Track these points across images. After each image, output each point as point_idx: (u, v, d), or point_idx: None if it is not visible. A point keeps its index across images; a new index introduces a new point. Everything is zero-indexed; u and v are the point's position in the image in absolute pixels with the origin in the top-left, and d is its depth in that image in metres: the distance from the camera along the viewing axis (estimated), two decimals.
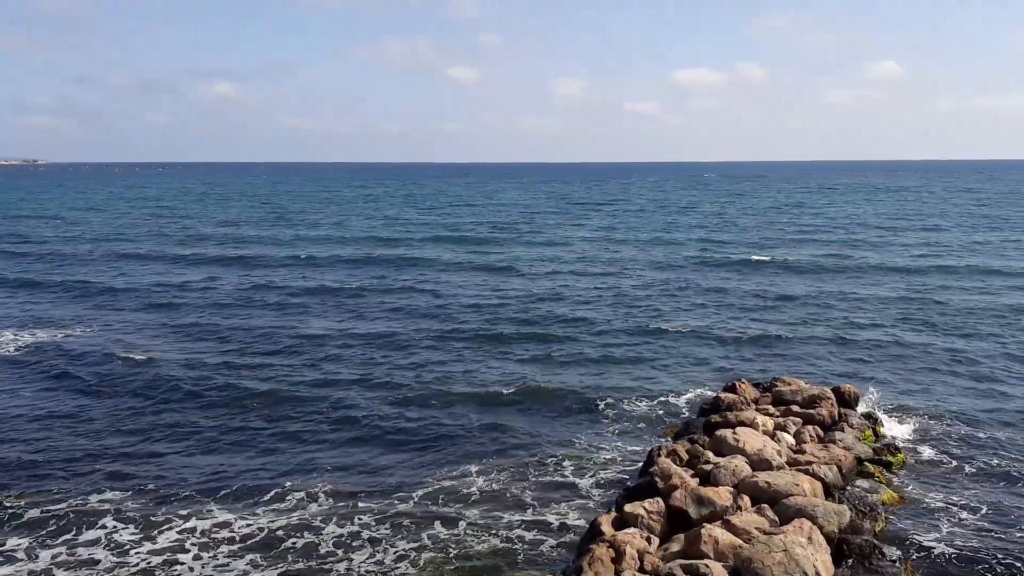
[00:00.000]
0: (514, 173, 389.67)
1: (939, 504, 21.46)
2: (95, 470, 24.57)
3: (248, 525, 21.03)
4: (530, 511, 21.68)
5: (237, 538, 20.37)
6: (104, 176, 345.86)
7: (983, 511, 21.03)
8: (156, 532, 20.63)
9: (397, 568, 18.94)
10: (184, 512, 21.76)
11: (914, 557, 18.60)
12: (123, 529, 20.82)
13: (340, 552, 19.72)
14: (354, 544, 20.08)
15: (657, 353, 37.21)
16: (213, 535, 20.51)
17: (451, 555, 19.40)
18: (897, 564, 17.28)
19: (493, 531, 20.58)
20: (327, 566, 19.07)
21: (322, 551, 19.75)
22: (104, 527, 20.91)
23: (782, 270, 60.52)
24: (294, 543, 20.09)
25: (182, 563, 19.25)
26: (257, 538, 20.38)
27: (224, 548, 19.87)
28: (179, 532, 20.67)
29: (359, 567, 19.02)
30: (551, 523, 21.02)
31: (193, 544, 20.08)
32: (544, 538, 20.26)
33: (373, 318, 45.31)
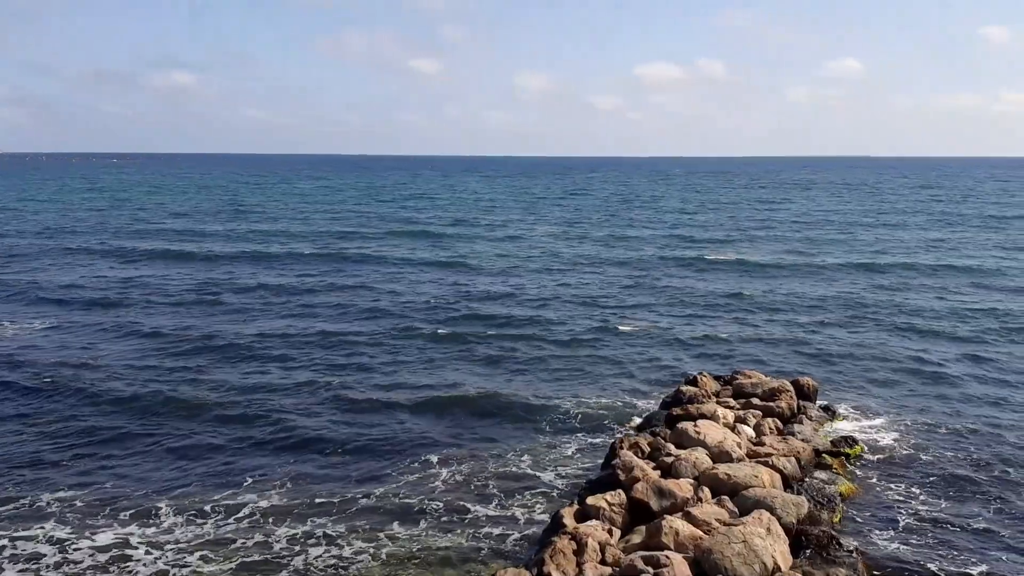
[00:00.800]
0: (477, 167, 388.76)
1: (895, 496, 21.80)
2: (38, 475, 23.64)
3: (198, 525, 20.57)
4: (493, 505, 21.63)
5: (187, 537, 19.93)
6: (61, 167, 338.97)
7: (939, 503, 21.40)
8: (102, 532, 20.06)
9: (356, 562, 18.76)
10: (131, 512, 21.20)
11: (871, 547, 18.88)
12: (64, 528, 20.26)
13: (295, 548, 19.40)
14: (309, 542, 19.74)
15: (618, 348, 37.32)
16: (162, 535, 20.02)
17: (413, 550, 19.27)
18: (854, 554, 17.50)
19: (456, 525, 20.50)
20: (283, 562, 18.78)
21: (276, 548, 19.39)
22: (45, 527, 20.33)
23: (742, 267, 61.02)
24: (245, 542, 19.67)
25: (132, 560, 18.81)
26: (208, 537, 19.93)
27: (172, 547, 19.40)
28: (126, 532, 20.13)
29: (316, 563, 18.75)
30: (514, 516, 20.99)
31: (141, 543, 19.58)
32: (507, 531, 20.22)
33: (327, 317, 44.10)
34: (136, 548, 19.37)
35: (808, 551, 17.52)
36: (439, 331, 40.15)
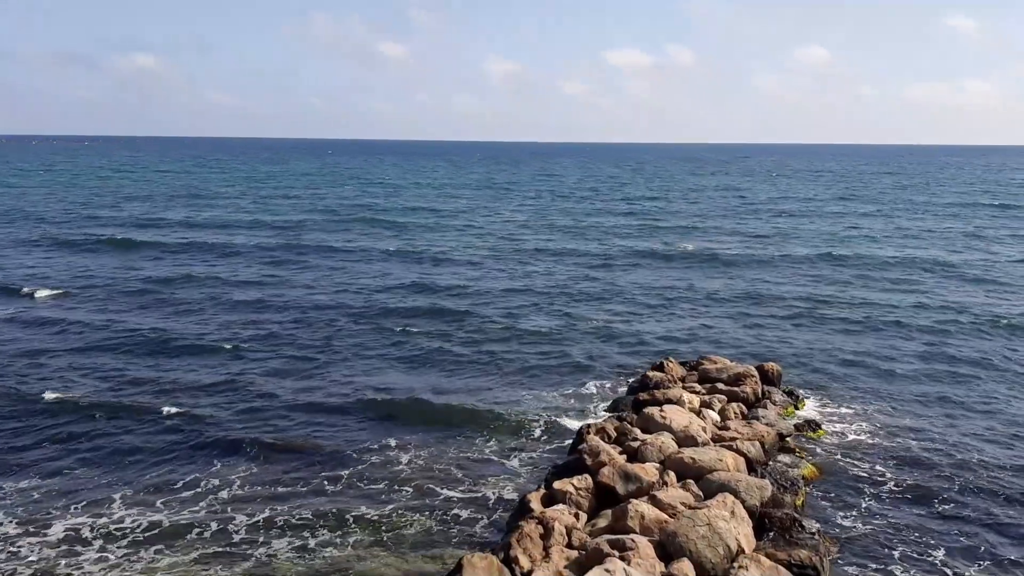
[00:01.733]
0: (444, 152, 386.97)
1: (857, 479, 22.15)
2: None
3: (153, 517, 20.24)
4: (461, 490, 21.67)
5: (142, 528, 19.68)
6: (20, 150, 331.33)
7: (899, 485, 21.78)
8: (50, 529, 19.61)
9: (323, 551, 18.67)
10: (83, 504, 20.86)
11: (833, 529, 19.19)
12: (11, 523, 19.89)
13: (259, 538, 19.23)
14: (272, 531, 19.59)
15: (584, 335, 37.45)
16: (114, 528, 19.68)
17: (381, 536, 19.23)
18: (816, 536, 17.77)
19: (423, 511, 20.51)
20: (246, 552, 18.62)
21: (236, 539, 19.20)
22: None
23: (708, 255, 61.24)
24: (203, 532, 19.42)
25: (82, 556, 18.41)
26: (163, 528, 19.65)
27: (127, 540, 19.10)
28: (77, 524, 19.79)
29: (280, 552, 18.61)
30: (481, 501, 21.05)
31: (95, 538, 19.23)
32: (475, 516, 20.27)
33: (282, 308, 42.65)
34: (89, 543, 18.97)
35: (771, 533, 17.76)
36: (399, 323, 39.36)
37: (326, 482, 22.25)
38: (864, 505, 20.58)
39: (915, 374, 31.50)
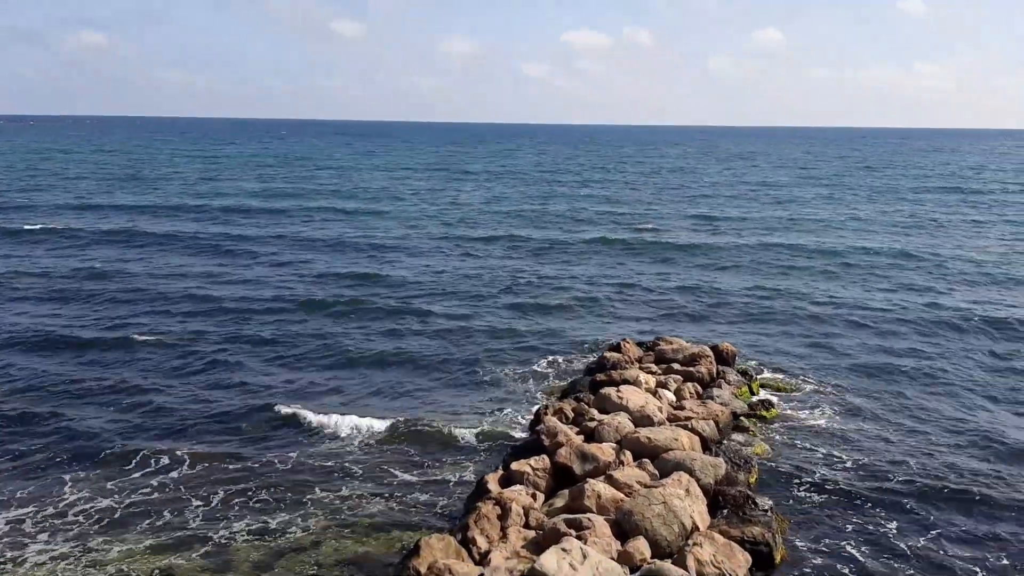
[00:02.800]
0: (401, 133, 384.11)
1: (809, 457, 22.58)
2: None
3: (102, 504, 19.91)
4: (418, 473, 21.69)
5: (90, 512, 19.42)
6: None
7: (849, 463, 22.24)
8: None
9: (284, 533, 18.57)
10: (26, 493, 20.44)
11: (785, 506, 19.56)
12: None
13: (218, 521, 19.13)
14: (231, 514, 19.47)
15: (541, 318, 37.55)
16: (63, 514, 19.35)
17: (339, 519, 19.17)
18: (769, 513, 18.10)
19: (381, 493, 20.50)
20: (205, 535, 18.48)
21: (193, 524, 19.05)
22: None
23: (663, 239, 61.53)
24: (155, 521, 19.17)
25: (26, 548, 17.92)
26: (114, 516, 19.35)
27: (75, 529, 18.77)
28: (19, 515, 19.31)
29: (239, 535, 18.50)
30: (439, 484, 21.09)
31: (38, 525, 18.82)
32: (433, 498, 20.31)
33: (222, 298, 40.55)
34: (33, 536, 18.50)
35: (725, 511, 18.05)
36: (348, 305, 38.72)
37: (279, 465, 22.10)
38: (816, 482, 20.99)
39: (868, 357, 32.04)
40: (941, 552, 17.82)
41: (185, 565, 17.21)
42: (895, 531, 18.65)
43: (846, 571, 17.02)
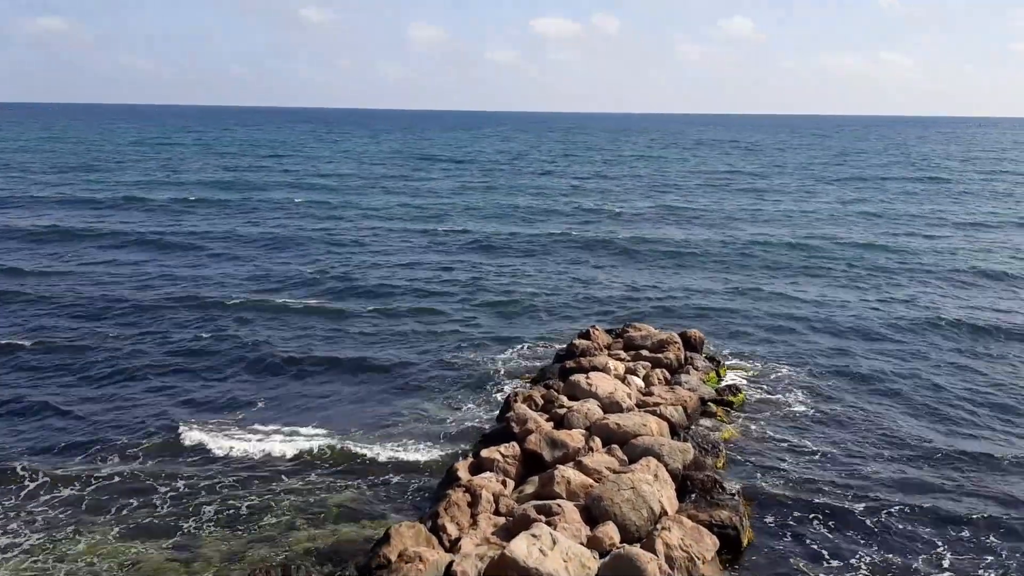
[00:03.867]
0: (368, 121, 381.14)
1: (774, 441, 22.88)
2: None
3: (65, 493, 19.79)
4: (388, 461, 21.66)
5: (54, 507, 19.19)
6: None
7: (814, 447, 22.56)
8: None
9: (253, 520, 18.50)
10: None
11: (752, 489, 19.81)
12: None
13: (185, 506, 19.06)
14: (198, 500, 19.41)
15: (509, 306, 37.56)
16: (20, 509, 19.17)
17: (309, 507, 19.12)
18: (736, 497, 18.34)
19: (351, 482, 20.48)
20: (172, 523, 18.43)
21: (163, 511, 18.98)
22: None
23: (629, 225, 61.79)
24: (122, 511, 19.04)
25: None
26: (81, 507, 19.19)
27: (40, 518, 18.66)
28: None
29: (209, 523, 18.44)
30: (409, 471, 21.08)
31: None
32: (403, 486, 20.32)
33: (170, 292, 40.43)
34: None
35: (693, 495, 18.25)
36: (314, 302, 37.98)
37: (248, 452, 22.01)
38: (782, 466, 21.28)
39: (833, 344, 32.43)
40: (905, 534, 18.14)
41: (153, 557, 17.09)
42: (860, 513, 18.94)
43: (812, 553, 17.30)
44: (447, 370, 28.82)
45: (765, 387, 27.11)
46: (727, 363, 29.29)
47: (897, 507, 19.24)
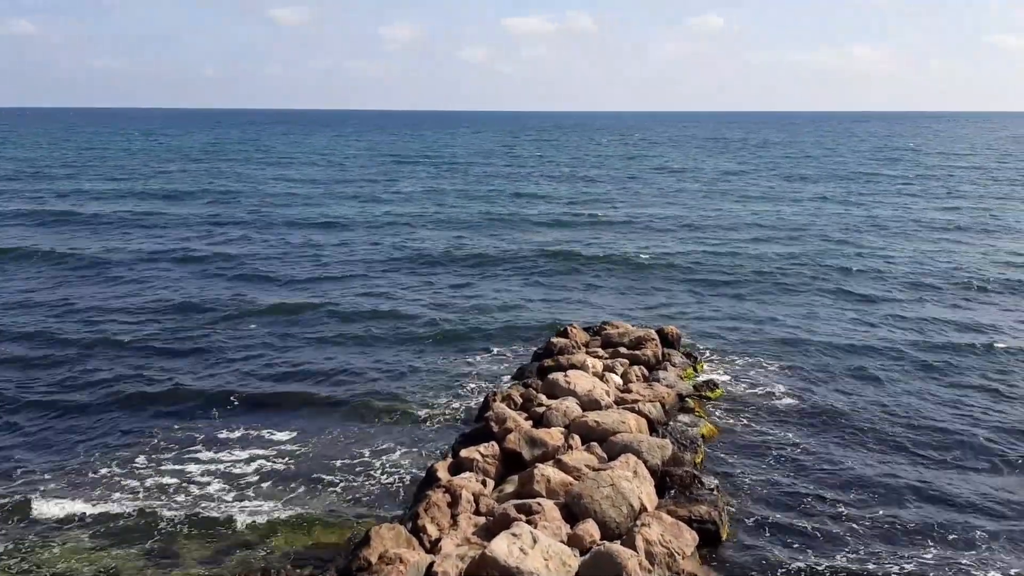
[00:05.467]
0: (340, 121, 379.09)
1: (752, 436, 23.01)
2: None
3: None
4: (367, 463, 21.54)
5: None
6: None
7: (792, 441, 22.70)
8: None
9: (229, 528, 18.34)
10: None
11: (730, 484, 19.92)
12: None
13: (159, 513, 18.81)
14: (172, 507, 19.18)
15: (487, 304, 37.58)
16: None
17: (287, 510, 18.97)
18: (714, 492, 18.43)
19: (330, 484, 20.35)
20: (147, 528, 18.23)
21: (137, 517, 18.76)
22: None
23: (605, 223, 61.96)
24: (91, 519, 18.82)
25: None
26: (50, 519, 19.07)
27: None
28: None
29: (183, 531, 18.23)
30: (389, 473, 20.98)
31: None
32: (383, 487, 20.23)
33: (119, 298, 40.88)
34: None
35: (672, 491, 18.33)
36: (279, 301, 37.74)
37: (225, 459, 21.81)
38: (760, 461, 21.41)
39: (810, 338, 32.59)
40: (884, 529, 18.27)
41: (128, 560, 16.91)
42: (839, 508, 19.08)
43: (791, 547, 17.40)
44: (423, 372, 28.67)
45: (743, 382, 27.26)
46: (704, 359, 29.43)
47: (876, 502, 19.38)
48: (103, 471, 21.17)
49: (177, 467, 21.52)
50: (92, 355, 30.23)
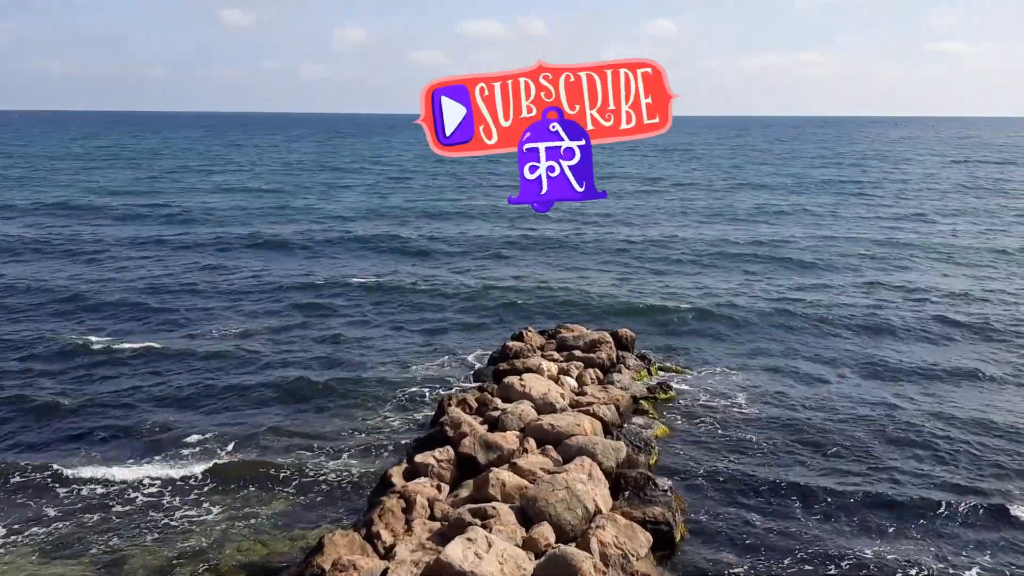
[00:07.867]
0: (291, 124, 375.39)
1: (706, 437, 23.20)
2: None
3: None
4: (319, 469, 21.23)
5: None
6: None
7: (746, 442, 22.89)
8: None
9: (179, 538, 18.00)
10: None
11: (684, 485, 20.06)
12: None
13: (105, 525, 18.42)
14: (119, 519, 18.77)
15: (442, 310, 37.37)
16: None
17: (238, 519, 18.69)
18: (668, 493, 18.55)
19: (282, 491, 20.07)
20: (93, 541, 17.79)
21: (81, 530, 18.34)
22: None
23: (548, 234, 61.90)
24: (39, 528, 18.51)
25: None
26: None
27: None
28: None
29: (131, 541, 17.84)
30: (343, 479, 20.74)
31: None
32: (336, 494, 20.00)
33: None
34: None
35: (627, 493, 18.40)
36: (241, 304, 37.43)
37: (173, 465, 21.40)
38: (714, 461, 21.57)
39: (762, 340, 32.88)
40: (838, 527, 18.50)
41: (72, 573, 16.49)
42: (793, 507, 19.29)
43: (745, 547, 17.56)
44: (376, 377, 28.32)
45: (696, 384, 27.48)
46: (658, 361, 29.62)
47: (830, 501, 19.59)
48: (37, 478, 20.64)
49: (122, 476, 20.99)
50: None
